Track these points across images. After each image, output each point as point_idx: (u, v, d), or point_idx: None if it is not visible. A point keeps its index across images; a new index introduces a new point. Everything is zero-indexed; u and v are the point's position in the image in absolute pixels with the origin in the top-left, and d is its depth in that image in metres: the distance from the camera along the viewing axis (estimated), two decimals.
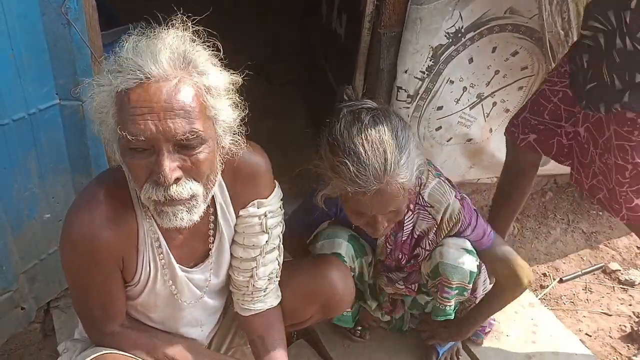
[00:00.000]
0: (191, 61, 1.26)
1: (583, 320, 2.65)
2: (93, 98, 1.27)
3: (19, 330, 2.14)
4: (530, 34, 2.46)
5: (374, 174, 1.56)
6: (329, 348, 2.27)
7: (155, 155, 1.23)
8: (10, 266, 1.92)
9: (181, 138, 1.22)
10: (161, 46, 1.23)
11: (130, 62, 1.22)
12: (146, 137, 1.20)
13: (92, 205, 1.37)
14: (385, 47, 2.36)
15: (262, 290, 1.67)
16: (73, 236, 1.37)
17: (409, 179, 1.62)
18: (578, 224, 3.28)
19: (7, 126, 1.72)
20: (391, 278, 2.08)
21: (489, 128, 2.69)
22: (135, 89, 1.20)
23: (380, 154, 1.57)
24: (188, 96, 1.23)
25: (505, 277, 1.95)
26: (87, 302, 1.50)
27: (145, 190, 1.27)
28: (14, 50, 1.63)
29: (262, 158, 1.57)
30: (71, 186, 2.01)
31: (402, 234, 1.93)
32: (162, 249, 1.48)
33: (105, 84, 1.24)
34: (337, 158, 1.61)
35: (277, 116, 3.65)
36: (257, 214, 1.57)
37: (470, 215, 1.89)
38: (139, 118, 1.19)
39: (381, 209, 1.66)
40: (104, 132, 1.29)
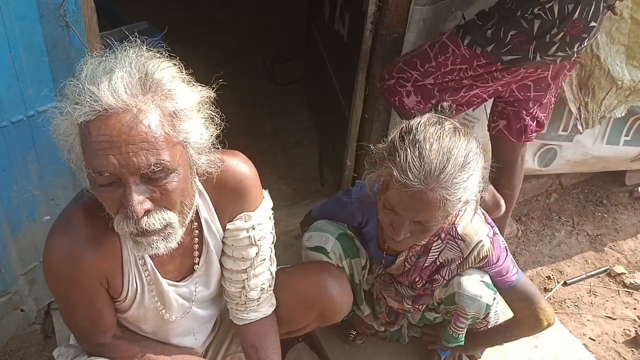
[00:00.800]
0: (153, 85, 1.18)
1: (587, 324, 2.63)
2: (58, 125, 1.21)
3: (19, 332, 2.14)
4: None
5: (425, 174, 1.49)
6: (329, 351, 2.25)
7: (122, 188, 1.17)
8: (9, 268, 1.93)
9: (146, 172, 1.16)
10: (118, 72, 1.15)
11: (87, 92, 1.14)
12: (110, 172, 1.14)
13: (72, 227, 1.34)
14: (387, 49, 2.34)
15: (254, 301, 1.64)
16: (53, 258, 1.36)
17: (454, 201, 1.53)
18: (583, 226, 3.25)
19: (5, 128, 1.72)
20: (399, 292, 2.04)
21: None
22: (95, 122, 1.13)
23: (441, 161, 1.50)
24: (150, 126, 1.15)
25: (525, 317, 1.92)
26: (75, 316, 1.50)
27: (118, 222, 1.23)
28: (13, 52, 1.62)
29: (249, 169, 1.51)
30: (71, 188, 2.00)
31: (426, 260, 1.89)
32: (147, 265, 1.46)
33: (66, 112, 1.18)
34: (402, 144, 1.55)
35: (281, 116, 3.65)
36: (245, 227, 1.53)
37: (499, 254, 1.85)
38: (100, 153, 1.13)
39: (412, 213, 1.57)
40: (72, 159, 1.23)
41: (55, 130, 1.22)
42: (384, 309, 2.17)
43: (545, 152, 2.84)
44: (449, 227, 1.81)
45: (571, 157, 2.91)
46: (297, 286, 1.77)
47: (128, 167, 1.14)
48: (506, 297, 1.92)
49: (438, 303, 1.98)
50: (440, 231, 1.81)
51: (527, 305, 1.89)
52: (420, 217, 1.58)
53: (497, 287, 1.89)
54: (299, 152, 3.49)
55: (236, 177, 1.47)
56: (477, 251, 1.82)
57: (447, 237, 1.83)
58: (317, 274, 1.81)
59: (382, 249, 1.97)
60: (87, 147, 1.16)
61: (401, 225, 1.62)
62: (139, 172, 1.15)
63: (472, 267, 1.86)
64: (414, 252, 1.89)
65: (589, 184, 3.52)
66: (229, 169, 1.44)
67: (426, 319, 2.11)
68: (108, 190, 1.19)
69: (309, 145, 3.57)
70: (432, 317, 2.08)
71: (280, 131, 3.55)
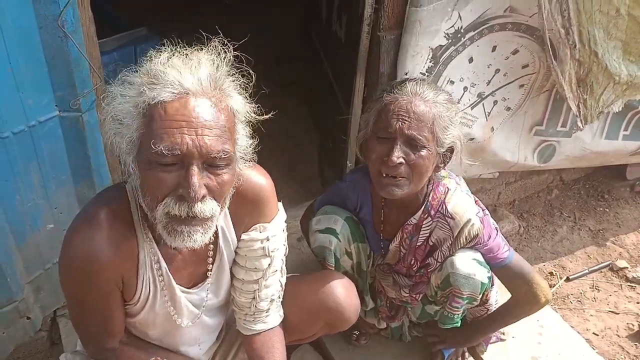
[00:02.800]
0: (225, 82, 1.27)
1: (590, 319, 2.64)
2: (113, 108, 1.25)
3: (26, 340, 2.16)
4: (530, 32, 2.44)
5: (412, 91, 1.73)
6: (333, 352, 2.26)
7: (184, 170, 1.21)
8: (15, 277, 1.94)
9: (215, 156, 1.21)
10: (198, 64, 1.24)
11: (167, 75, 1.21)
12: (182, 151, 1.19)
13: (92, 225, 1.35)
14: (384, 50, 2.35)
15: (264, 312, 1.65)
16: (72, 257, 1.36)
17: (440, 121, 1.71)
18: (585, 221, 3.26)
19: (7, 139, 1.73)
20: (397, 282, 2.07)
21: (491, 127, 2.67)
22: (173, 103, 1.20)
23: (425, 85, 1.76)
24: (224, 116, 1.24)
25: (522, 295, 1.94)
26: (85, 319, 1.49)
27: (165, 205, 1.24)
28: (12, 63, 1.64)
29: (267, 181, 1.55)
30: (74, 196, 2.02)
31: (418, 238, 1.93)
32: (161, 270, 1.47)
33: (131, 94, 1.23)
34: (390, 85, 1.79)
35: (281, 117, 3.65)
36: (260, 238, 1.56)
37: (490, 232, 1.89)
38: (176, 131, 1.18)
39: (404, 124, 1.69)
40: (118, 144, 1.27)
41: (111, 111, 1.25)
42: (384, 302, 2.19)
43: (544, 148, 2.85)
44: (439, 204, 1.87)
45: (570, 152, 2.92)
46: (305, 296, 1.78)
47: (200, 148, 1.19)
48: (501, 276, 1.95)
49: (435, 292, 2.00)
50: (430, 208, 1.88)
51: (523, 282, 1.91)
52: (413, 128, 1.70)
53: (491, 266, 1.91)
54: (300, 153, 3.50)
55: (255, 188, 1.51)
56: (468, 230, 1.85)
57: (437, 214, 1.88)
58: (325, 283, 1.80)
59: (378, 232, 2.00)
60: (158, 126, 1.19)
61: (394, 147, 1.70)
62: (208, 155, 1.21)
63: (463, 247, 1.89)
64: (407, 233, 1.93)
65: (590, 179, 3.53)
66: (248, 180, 1.48)
67: (427, 313, 2.13)
68: (168, 170, 1.22)
69: (309, 146, 3.58)
70: (433, 311, 2.09)
71: (281, 132, 3.56)
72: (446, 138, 1.74)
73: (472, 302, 1.94)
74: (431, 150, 1.72)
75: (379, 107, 1.76)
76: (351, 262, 2.00)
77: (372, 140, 1.78)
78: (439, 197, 1.88)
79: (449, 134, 1.74)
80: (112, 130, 1.27)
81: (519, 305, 1.99)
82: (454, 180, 1.93)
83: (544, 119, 2.76)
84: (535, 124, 2.76)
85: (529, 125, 2.76)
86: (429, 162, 1.74)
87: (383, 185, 1.77)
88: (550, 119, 2.76)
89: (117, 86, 1.27)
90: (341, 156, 2.85)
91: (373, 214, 2.00)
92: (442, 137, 1.73)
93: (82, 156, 1.94)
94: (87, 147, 1.92)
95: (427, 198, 1.89)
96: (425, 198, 1.89)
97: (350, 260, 2.00)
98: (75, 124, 1.86)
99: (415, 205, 1.90)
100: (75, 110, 1.83)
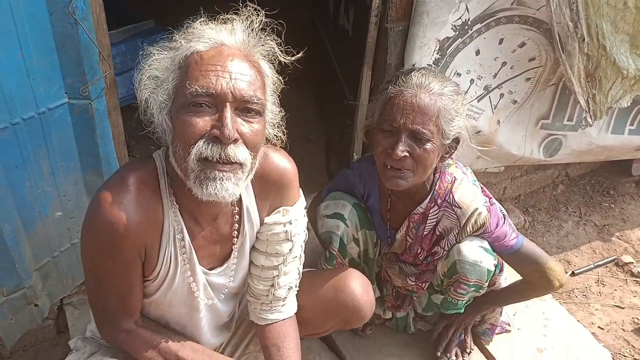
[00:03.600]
0: (256, 46, 1.35)
1: (595, 314, 2.64)
2: (150, 65, 1.31)
3: (33, 327, 2.16)
4: (538, 25, 2.44)
5: (418, 83, 1.73)
6: (339, 342, 2.27)
7: (218, 112, 1.26)
8: (23, 263, 1.95)
9: (247, 99, 1.27)
10: (233, 26, 1.33)
11: (204, 31, 1.31)
12: (216, 90, 1.24)
13: (121, 189, 1.35)
14: (392, 42, 2.35)
15: (281, 300, 1.65)
16: (100, 218, 1.34)
17: (445, 113, 1.71)
18: (590, 216, 3.26)
19: (17, 125, 1.74)
20: (403, 270, 2.08)
21: (497, 120, 2.67)
22: (209, 51, 1.28)
23: (431, 76, 1.75)
24: (255, 71, 1.31)
25: (536, 280, 1.95)
26: (104, 292, 1.47)
27: (198, 148, 1.26)
28: (23, 50, 1.65)
29: (291, 165, 1.58)
30: (82, 184, 2.03)
31: (425, 227, 1.94)
32: (184, 242, 1.47)
33: (168, 53, 1.31)
34: (396, 76, 1.80)
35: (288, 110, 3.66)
36: (283, 222, 1.57)
37: (497, 221, 1.89)
38: (211, 73, 1.25)
39: (409, 117, 1.70)
40: (154, 100, 1.31)
41: (148, 70, 1.33)
42: (390, 291, 2.19)
43: (550, 142, 2.85)
44: (446, 193, 1.87)
45: (576, 146, 2.91)
46: (322, 292, 1.79)
47: (234, 89, 1.26)
48: (512, 263, 1.95)
49: (441, 280, 2.00)
50: (437, 196, 1.88)
51: (536, 267, 1.91)
52: (418, 122, 1.70)
53: (499, 253, 1.92)
54: (306, 146, 3.51)
55: (279, 170, 1.54)
56: (475, 219, 1.86)
57: (444, 203, 1.88)
58: (343, 280, 1.80)
59: (385, 221, 2.01)
60: (194, 70, 1.27)
61: (398, 141, 1.71)
62: (241, 99, 1.27)
63: (470, 235, 1.89)
64: (414, 222, 1.94)
65: (595, 175, 3.52)
66: (273, 162, 1.51)
67: (433, 303, 2.13)
68: (201, 114, 1.26)
69: (316, 139, 3.58)
70: (439, 301, 2.09)
71: (287, 126, 3.56)
72: (451, 130, 1.75)
73: (479, 289, 1.95)
74: (436, 144, 1.73)
75: (385, 98, 1.77)
76: (358, 250, 2.01)
77: (377, 132, 1.79)
78: (446, 186, 1.88)
79: (454, 126, 1.75)
80: (147, 89, 1.32)
81: (532, 288, 2.00)
82: (460, 170, 1.93)
83: (551, 112, 2.76)
84: (541, 118, 2.76)
85: (535, 118, 2.76)
86: (434, 155, 1.75)
87: (388, 177, 1.79)
88: (557, 113, 2.76)
89: (154, 48, 1.34)
90: (348, 149, 2.86)
91: (380, 202, 2.00)
92: (447, 129, 1.73)
93: (90, 144, 1.95)
94: (95, 135, 1.93)
95: (434, 187, 1.89)
96: (432, 187, 1.90)
97: (357, 248, 2.00)
98: (85, 112, 1.87)
99: (422, 194, 1.91)
100: (85, 97, 1.84)
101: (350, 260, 2.02)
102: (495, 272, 1.92)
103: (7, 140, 1.72)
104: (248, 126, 1.29)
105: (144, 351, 1.52)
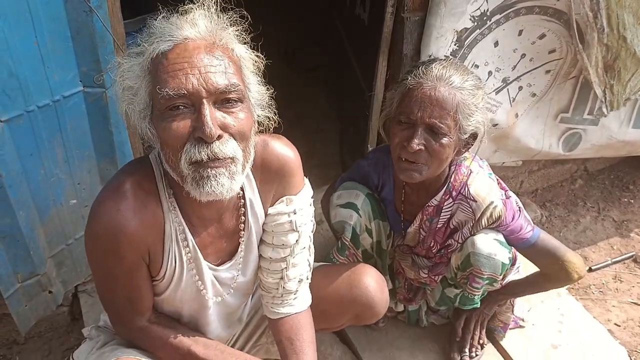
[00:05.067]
0: (224, 31, 1.28)
1: (612, 310, 2.60)
2: (122, 79, 1.27)
3: (48, 314, 2.18)
4: (558, 16, 2.40)
5: (438, 76, 1.69)
6: (351, 335, 2.26)
7: (197, 112, 1.22)
8: (37, 250, 1.96)
9: (223, 89, 1.22)
10: (195, 16, 1.26)
11: (164, 29, 1.24)
12: (188, 90, 1.19)
13: (118, 196, 1.34)
14: (408, 32, 2.32)
15: (292, 293, 1.62)
16: (98, 227, 1.35)
17: (464, 107, 1.67)
18: (609, 212, 3.20)
19: (32, 113, 1.74)
20: (416, 262, 2.06)
21: (515, 113, 2.63)
22: (174, 49, 1.22)
23: (452, 69, 1.71)
24: (226, 54, 1.25)
25: (554, 273, 1.92)
26: (113, 295, 1.48)
27: (187, 153, 1.23)
28: (38, 37, 1.65)
29: (293, 153, 1.54)
30: (96, 172, 2.04)
31: (439, 220, 1.92)
32: (187, 242, 1.45)
33: (135, 60, 1.26)
34: (415, 66, 1.75)
35: (301, 102, 3.65)
36: (286, 211, 1.54)
37: (513, 214, 1.87)
38: (180, 73, 1.20)
39: (427, 110, 1.67)
40: (133, 111, 1.28)
41: (121, 81, 1.28)
42: (402, 284, 2.18)
43: (570, 136, 2.80)
44: (461, 186, 1.84)
45: (596, 141, 2.86)
46: (336, 288, 1.77)
47: (206, 84, 1.20)
48: (529, 256, 1.92)
49: (455, 273, 1.98)
50: (451, 189, 1.86)
51: (554, 260, 1.89)
52: (435, 116, 1.67)
53: (516, 247, 1.89)
54: (320, 138, 3.49)
55: (280, 159, 1.50)
56: (490, 212, 1.83)
57: (458, 196, 1.86)
58: (358, 276, 1.78)
59: (399, 213, 1.99)
60: (162, 73, 1.21)
61: (414, 134, 1.69)
62: (216, 91, 1.21)
63: (485, 228, 1.87)
64: (428, 215, 1.92)
65: (615, 170, 3.47)
66: (273, 151, 1.48)
67: (446, 297, 2.11)
68: (180, 117, 1.22)
69: (329, 131, 3.57)
70: (453, 294, 2.07)
71: (301, 117, 3.55)
72: (469, 125, 1.72)
73: (493, 283, 1.93)
74: (452, 138, 1.70)
75: (403, 90, 1.74)
76: (371, 241, 1.99)
77: (394, 123, 1.76)
78: (461, 179, 1.86)
79: (472, 121, 1.72)
80: (125, 100, 1.28)
81: (550, 280, 1.98)
82: (477, 163, 1.90)
83: (571, 106, 2.71)
84: (561, 111, 2.72)
85: (555, 112, 2.71)
86: (450, 150, 1.73)
87: (402, 170, 1.77)
88: (577, 106, 2.71)
89: (122, 57, 1.29)
90: (362, 141, 2.84)
91: (394, 193, 1.98)
92: (465, 124, 1.70)
93: (105, 132, 1.95)
94: (110, 124, 1.93)
95: (449, 179, 1.87)
96: (447, 179, 1.87)
97: (370, 239, 1.98)
98: (99, 100, 1.87)
99: (437, 186, 1.88)
100: (99, 86, 1.84)
101: (363, 252, 2.00)
102: (509, 265, 1.90)
103: (22, 127, 1.73)
104: (231, 117, 1.25)
105: (157, 347, 1.53)
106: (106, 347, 1.61)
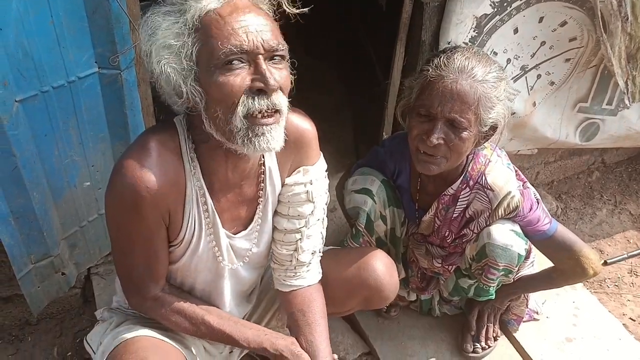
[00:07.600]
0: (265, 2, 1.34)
1: (627, 304, 2.57)
2: (156, 39, 1.27)
3: (60, 295, 2.19)
4: (581, 3, 2.35)
5: (460, 68, 1.63)
6: (363, 323, 2.25)
7: (253, 66, 1.26)
8: (51, 232, 1.96)
9: (275, 47, 1.27)
10: None
11: None
12: (249, 47, 1.24)
13: (142, 152, 1.35)
14: (427, 18, 2.29)
15: (305, 265, 1.64)
16: (120, 184, 1.35)
17: (486, 101, 1.63)
18: (626, 205, 3.16)
19: (47, 93, 1.73)
20: (430, 251, 2.04)
21: (533, 101, 2.59)
22: (225, 7, 1.27)
23: (475, 59, 1.65)
24: (268, 16, 1.31)
25: (569, 267, 1.90)
26: (130, 258, 1.47)
27: (244, 105, 1.26)
28: (54, 17, 1.63)
29: (310, 125, 1.57)
30: (110, 155, 2.03)
31: (455, 210, 1.89)
32: (207, 206, 1.46)
33: (172, 19, 1.27)
34: (436, 56, 1.70)
35: (316, 90, 3.62)
36: (303, 182, 1.57)
37: (531, 205, 1.84)
38: (240, 30, 1.24)
39: (447, 105, 1.63)
40: (171, 72, 1.27)
41: (155, 40, 1.28)
42: (415, 273, 2.16)
43: (587, 126, 2.76)
44: (479, 175, 1.82)
45: (615, 131, 2.82)
46: (346, 271, 1.77)
47: (263, 42, 1.26)
48: (544, 248, 1.90)
49: (470, 263, 1.96)
50: (469, 178, 1.83)
51: (569, 255, 1.86)
52: (456, 111, 1.62)
53: (531, 238, 1.86)
54: (334, 126, 3.47)
55: (298, 129, 1.54)
56: (507, 202, 1.80)
57: (476, 185, 1.83)
58: (367, 260, 1.78)
59: (414, 201, 1.97)
60: (218, 30, 1.25)
61: (434, 127, 1.66)
62: (270, 48, 1.27)
63: (501, 218, 1.84)
64: (444, 204, 1.89)
65: (633, 162, 3.42)
66: (292, 123, 1.50)
67: (460, 287, 2.08)
68: (236, 72, 1.25)
69: (344, 119, 3.54)
70: (467, 285, 2.05)
71: (315, 105, 3.52)
72: (490, 118, 1.67)
73: (509, 274, 1.90)
74: (472, 132, 1.67)
75: (423, 81, 1.69)
76: (385, 228, 1.97)
77: (413, 114, 1.73)
78: (479, 168, 1.83)
79: (493, 114, 1.67)
80: (162, 61, 1.27)
81: (565, 275, 1.95)
82: (495, 152, 1.87)
83: (590, 95, 2.67)
84: (579, 101, 2.67)
85: (573, 101, 2.67)
86: (469, 143, 1.70)
87: (420, 161, 1.75)
88: (596, 96, 2.67)
89: (155, 15, 1.29)
90: (377, 130, 2.81)
91: (410, 181, 1.96)
92: (485, 117, 1.66)
93: (119, 114, 1.94)
94: (125, 106, 1.92)
95: (467, 168, 1.84)
96: (464, 168, 1.84)
97: (384, 226, 1.96)
98: (114, 82, 1.85)
99: (454, 176, 1.86)
100: (115, 67, 1.82)
101: (377, 240, 1.98)
102: (525, 257, 1.87)
103: (37, 108, 1.72)
104: (278, 73, 1.29)
105: (171, 316, 1.54)
106: (121, 326, 1.61)
